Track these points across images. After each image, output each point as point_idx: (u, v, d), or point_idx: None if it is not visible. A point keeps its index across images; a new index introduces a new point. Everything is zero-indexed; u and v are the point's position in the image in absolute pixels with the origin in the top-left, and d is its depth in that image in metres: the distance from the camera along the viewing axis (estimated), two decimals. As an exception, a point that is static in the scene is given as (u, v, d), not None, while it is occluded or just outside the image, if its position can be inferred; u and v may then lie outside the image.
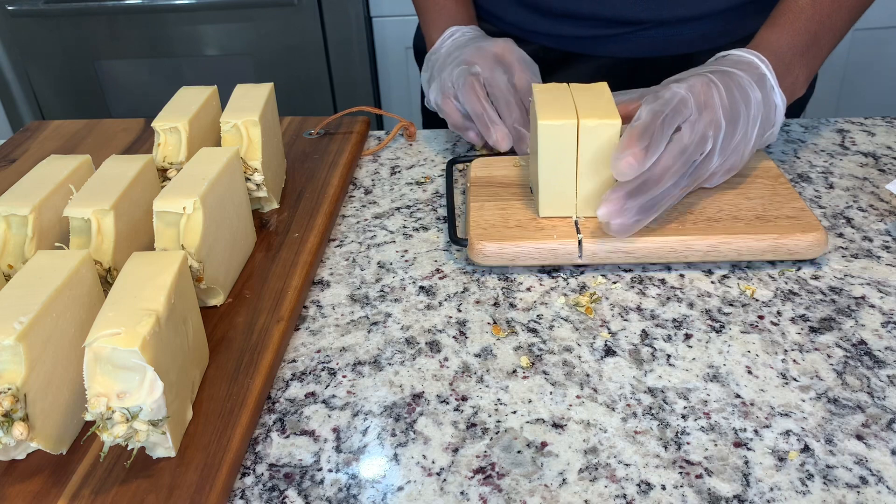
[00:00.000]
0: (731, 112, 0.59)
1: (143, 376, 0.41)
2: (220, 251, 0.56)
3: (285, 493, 0.44)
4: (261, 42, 1.73)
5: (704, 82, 0.58)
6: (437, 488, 0.44)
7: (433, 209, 0.70)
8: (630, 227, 0.57)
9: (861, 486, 0.43)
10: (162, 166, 0.64)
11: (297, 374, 0.52)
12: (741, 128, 0.60)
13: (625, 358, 0.52)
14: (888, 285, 0.57)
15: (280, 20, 1.70)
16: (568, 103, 0.59)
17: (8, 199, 0.55)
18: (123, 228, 0.55)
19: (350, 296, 0.59)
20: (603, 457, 0.45)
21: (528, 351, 0.53)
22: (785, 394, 0.49)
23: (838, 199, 0.68)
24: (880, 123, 0.81)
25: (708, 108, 0.57)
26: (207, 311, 0.55)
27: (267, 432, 0.48)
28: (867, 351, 0.52)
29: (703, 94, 0.58)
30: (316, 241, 0.63)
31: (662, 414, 0.48)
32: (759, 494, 0.42)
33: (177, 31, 1.73)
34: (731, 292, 0.58)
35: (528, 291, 0.59)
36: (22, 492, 0.42)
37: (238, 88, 0.69)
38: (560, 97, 0.60)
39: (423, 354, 0.53)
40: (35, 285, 0.44)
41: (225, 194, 0.57)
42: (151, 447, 0.44)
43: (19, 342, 0.40)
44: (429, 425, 0.48)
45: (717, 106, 0.58)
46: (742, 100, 0.60)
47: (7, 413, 0.40)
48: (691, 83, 0.58)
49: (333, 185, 0.71)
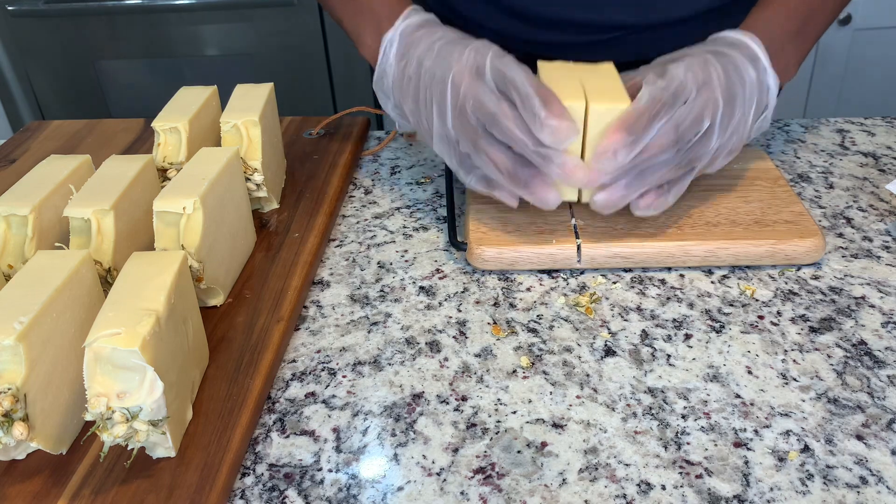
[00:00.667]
0: (728, 91, 0.57)
1: (143, 376, 0.41)
2: (220, 251, 0.56)
3: (285, 493, 0.44)
4: (260, 42, 1.73)
5: (701, 62, 0.57)
6: (437, 488, 0.44)
7: (433, 209, 0.70)
8: (615, 202, 0.55)
9: (861, 486, 0.43)
10: (162, 166, 0.64)
11: (297, 374, 0.52)
12: (739, 107, 0.59)
13: (625, 358, 0.52)
14: (888, 285, 0.57)
15: (280, 20, 1.70)
16: (575, 84, 0.56)
17: (8, 199, 0.55)
18: (123, 228, 0.55)
19: (350, 296, 0.59)
20: (603, 457, 0.45)
21: (528, 351, 0.53)
22: (785, 394, 0.49)
23: (838, 199, 0.68)
24: (880, 123, 0.81)
25: (706, 87, 0.56)
26: (207, 311, 0.55)
27: (267, 432, 0.48)
28: (867, 351, 0.52)
29: (700, 73, 0.56)
30: (316, 241, 0.63)
31: (662, 414, 0.48)
32: (759, 494, 0.42)
33: (177, 31, 1.73)
34: (731, 292, 0.58)
35: (528, 291, 0.59)
36: (22, 492, 0.42)
37: (238, 88, 0.69)
38: (567, 76, 0.58)
39: (423, 354, 0.53)
40: (35, 285, 0.44)
41: (225, 194, 0.57)
42: (151, 447, 0.44)
43: (19, 342, 0.40)
44: (429, 425, 0.48)
45: (714, 85, 0.57)
46: (738, 80, 0.59)
47: (7, 413, 0.40)
48: (689, 63, 0.57)
49: (333, 185, 0.71)
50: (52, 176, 0.57)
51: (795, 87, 1.74)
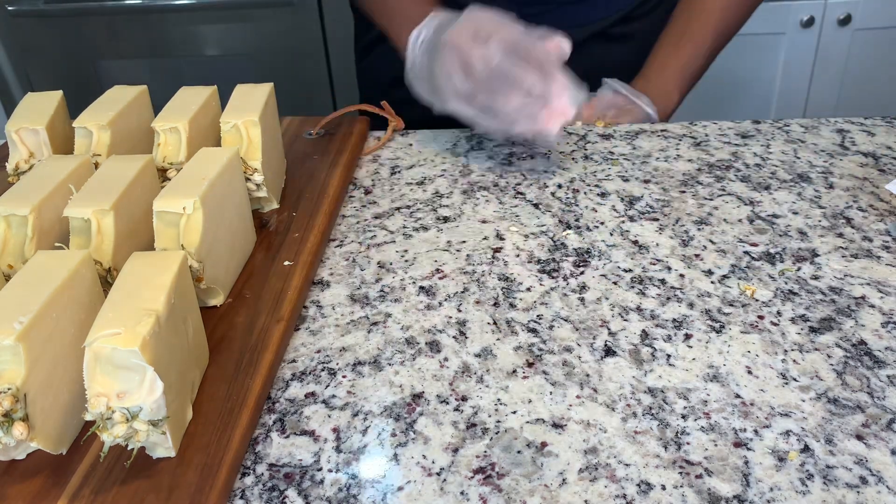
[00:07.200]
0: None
1: (143, 376, 0.41)
2: (220, 251, 0.56)
3: (285, 493, 0.44)
4: (260, 42, 1.73)
5: None
6: (437, 488, 0.44)
7: (433, 209, 0.70)
8: None
9: (861, 486, 0.43)
10: (162, 166, 0.64)
11: (297, 374, 0.52)
12: None
13: (625, 358, 0.52)
14: (888, 285, 0.57)
15: (280, 20, 1.70)
16: None
17: (8, 199, 0.55)
18: (123, 228, 0.55)
19: (350, 296, 0.59)
20: (603, 457, 0.45)
21: (528, 351, 0.53)
22: (785, 394, 0.49)
23: (838, 199, 0.68)
24: (880, 123, 0.81)
25: None
26: (207, 311, 0.55)
27: (267, 432, 0.48)
28: (867, 351, 0.52)
29: None
30: (316, 241, 0.63)
31: (662, 414, 0.48)
32: (759, 494, 0.42)
33: (177, 31, 1.73)
34: (731, 292, 0.58)
35: (528, 291, 0.59)
36: (22, 492, 0.42)
37: (238, 88, 0.69)
38: None
39: (423, 354, 0.53)
40: (35, 285, 0.44)
41: (225, 194, 0.57)
42: (151, 447, 0.44)
43: (19, 342, 0.40)
44: (429, 425, 0.48)
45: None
46: None
47: (7, 413, 0.40)
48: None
49: (333, 185, 0.71)
50: (52, 176, 0.57)
51: (795, 87, 1.74)
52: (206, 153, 0.59)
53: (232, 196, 0.59)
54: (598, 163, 0.76)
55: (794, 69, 1.72)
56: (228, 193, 0.58)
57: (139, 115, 0.70)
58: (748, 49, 1.67)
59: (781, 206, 0.68)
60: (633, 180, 0.73)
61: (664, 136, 0.80)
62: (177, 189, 0.54)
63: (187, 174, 0.55)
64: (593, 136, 0.81)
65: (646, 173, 0.74)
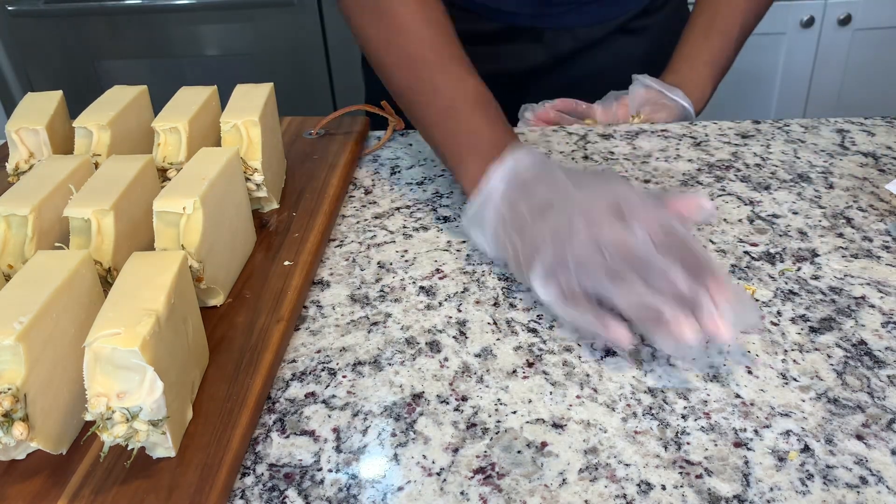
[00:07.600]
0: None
1: (143, 376, 0.41)
2: (220, 251, 0.56)
3: (285, 493, 0.44)
4: (261, 42, 1.73)
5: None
6: (437, 488, 0.44)
7: (433, 209, 0.70)
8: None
9: (861, 486, 0.43)
10: (162, 166, 0.64)
11: (297, 374, 0.52)
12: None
13: (625, 358, 0.52)
14: (888, 285, 0.57)
15: (280, 20, 1.70)
16: None
17: (8, 199, 0.55)
18: (123, 228, 0.55)
19: (350, 296, 0.59)
20: (603, 457, 0.45)
21: (529, 351, 0.53)
22: (785, 394, 0.49)
23: (838, 199, 0.68)
24: (880, 123, 0.81)
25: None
26: (207, 311, 0.55)
27: (267, 432, 0.48)
28: (867, 351, 0.52)
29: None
30: (316, 241, 0.63)
31: (662, 414, 0.48)
32: (759, 494, 0.42)
33: (177, 32, 1.73)
34: (731, 292, 0.58)
35: (528, 291, 0.59)
36: (22, 492, 0.42)
37: (238, 88, 0.69)
38: None
39: (423, 354, 0.53)
40: (35, 285, 0.44)
41: (225, 194, 0.57)
42: (151, 447, 0.43)
43: (19, 342, 0.40)
44: (429, 425, 0.48)
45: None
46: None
47: (7, 413, 0.40)
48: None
49: (333, 185, 0.71)
50: (52, 176, 0.57)
51: (795, 87, 1.74)
52: (206, 153, 0.59)
53: (232, 196, 0.59)
54: (598, 163, 0.76)
55: (794, 69, 1.72)
56: (228, 193, 0.58)
57: (139, 115, 0.70)
58: (748, 49, 1.65)
59: (781, 206, 0.68)
60: (634, 180, 0.73)
61: (664, 136, 0.80)
62: (177, 189, 0.54)
63: (187, 174, 0.55)
64: (593, 136, 0.81)
65: (646, 173, 0.74)
